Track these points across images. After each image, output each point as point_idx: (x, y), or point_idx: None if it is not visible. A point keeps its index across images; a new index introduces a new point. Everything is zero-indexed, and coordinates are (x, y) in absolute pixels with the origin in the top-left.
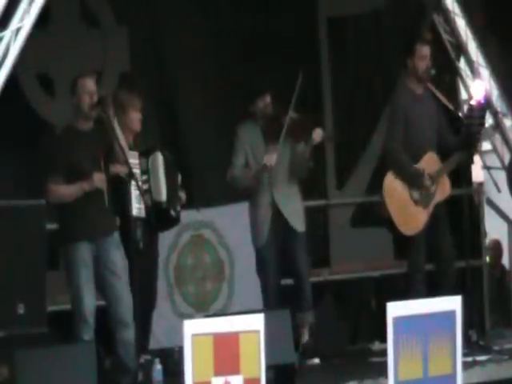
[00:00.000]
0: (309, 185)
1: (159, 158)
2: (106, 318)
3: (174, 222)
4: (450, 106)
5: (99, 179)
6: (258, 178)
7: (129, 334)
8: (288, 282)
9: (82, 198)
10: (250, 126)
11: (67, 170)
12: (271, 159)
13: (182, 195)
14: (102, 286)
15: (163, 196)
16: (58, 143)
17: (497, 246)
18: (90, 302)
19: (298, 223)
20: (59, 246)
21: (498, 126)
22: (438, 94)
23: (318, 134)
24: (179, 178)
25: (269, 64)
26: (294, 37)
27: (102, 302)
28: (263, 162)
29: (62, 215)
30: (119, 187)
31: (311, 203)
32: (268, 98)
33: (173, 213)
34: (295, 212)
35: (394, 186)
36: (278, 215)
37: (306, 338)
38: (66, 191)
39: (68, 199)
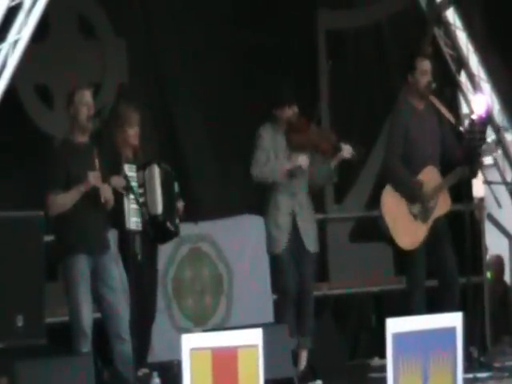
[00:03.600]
0: None
1: (155, 170)
2: (104, 330)
3: (173, 234)
4: (452, 119)
5: (94, 177)
6: (287, 175)
7: (125, 347)
8: None
9: (81, 210)
10: (273, 129)
11: (66, 183)
12: (305, 161)
13: (180, 205)
14: (99, 300)
15: (159, 209)
16: (56, 156)
17: (499, 262)
18: (87, 314)
19: (312, 244)
20: (58, 259)
21: (499, 141)
22: (440, 107)
23: (347, 151)
24: (176, 187)
25: (267, 77)
26: (293, 50)
27: (100, 315)
28: (298, 163)
29: (61, 228)
30: (117, 200)
31: None
32: (296, 108)
33: (170, 226)
34: (310, 231)
35: (392, 201)
36: (295, 228)
37: (303, 363)
38: (64, 199)
39: (68, 206)
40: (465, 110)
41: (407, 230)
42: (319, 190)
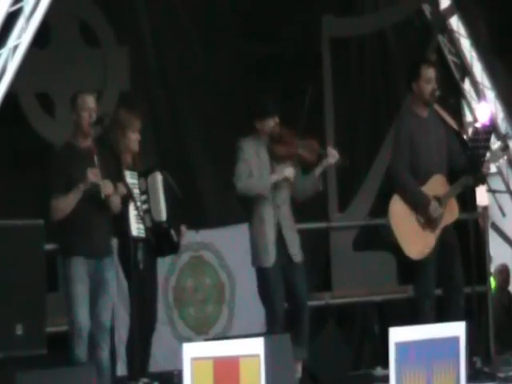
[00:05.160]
0: (310, 207)
1: (158, 177)
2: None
3: (175, 247)
4: (456, 127)
5: (93, 173)
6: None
7: (103, 355)
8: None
9: (84, 214)
10: (254, 141)
11: (67, 187)
12: (291, 172)
13: (183, 229)
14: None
15: (163, 216)
16: (56, 160)
17: (505, 271)
18: (84, 317)
19: (297, 253)
20: (59, 260)
21: (505, 146)
22: (444, 115)
23: (332, 156)
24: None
25: (271, 85)
26: (297, 57)
27: None
28: (284, 174)
29: (63, 231)
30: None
31: (312, 226)
32: (277, 119)
33: (174, 236)
34: (294, 241)
35: (400, 210)
36: (278, 237)
37: (299, 374)
38: (66, 200)
39: (71, 207)
40: (469, 118)
41: (416, 239)
42: (322, 199)
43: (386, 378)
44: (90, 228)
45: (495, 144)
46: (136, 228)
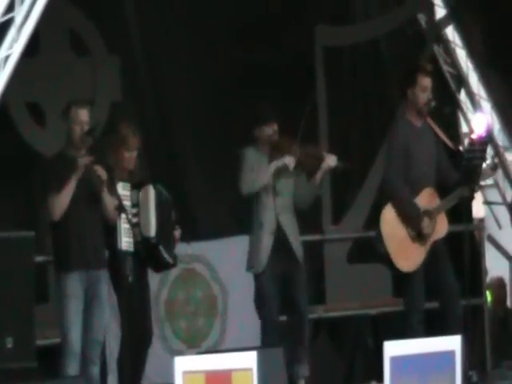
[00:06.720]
0: (304, 219)
1: (151, 191)
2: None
3: (170, 265)
4: (449, 142)
5: (84, 160)
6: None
7: (94, 370)
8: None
9: (79, 224)
10: (255, 150)
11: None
12: (291, 161)
13: (177, 233)
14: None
15: (152, 231)
16: (50, 167)
17: (501, 284)
18: (76, 335)
19: (301, 254)
20: (54, 274)
21: (495, 165)
22: (437, 129)
23: (331, 160)
24: (173, 214)
25: (265, 94)
26: (290, 66)
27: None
28: (284, 162)
29: (56, 243)
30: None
31: (307, 238)
32: (275, 126)
33: (164, 253)
34: (298, 242)
35: (392, 221)
36: (280, 245)
37: None
38: (63, 193)
39: (68, 199)
40: (464, 129)
41: (406, 252)
42: (316, 212)
43: None
44: (84, 240)
45: (489, 159)
46: (125, 241)
